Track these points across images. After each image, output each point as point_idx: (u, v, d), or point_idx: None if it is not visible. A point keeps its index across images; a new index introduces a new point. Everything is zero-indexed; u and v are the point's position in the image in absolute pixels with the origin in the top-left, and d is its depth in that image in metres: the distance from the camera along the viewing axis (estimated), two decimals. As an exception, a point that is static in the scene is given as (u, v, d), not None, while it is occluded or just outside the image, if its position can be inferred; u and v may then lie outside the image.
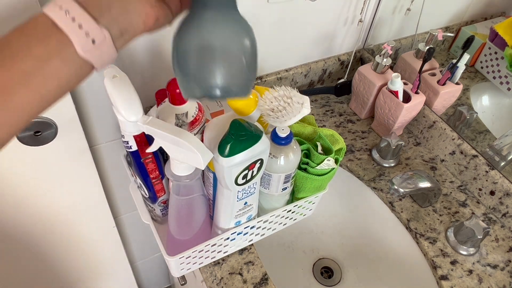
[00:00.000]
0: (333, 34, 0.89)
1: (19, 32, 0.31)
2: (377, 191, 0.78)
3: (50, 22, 0.30)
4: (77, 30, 0.30)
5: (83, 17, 0.31)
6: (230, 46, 0.37)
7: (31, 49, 0.30)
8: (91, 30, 0.31)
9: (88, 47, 0.31)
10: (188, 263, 0.60)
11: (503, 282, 0.67)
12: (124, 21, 0.33)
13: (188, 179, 0.51)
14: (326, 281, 0.79)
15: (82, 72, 0.33)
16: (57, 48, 0.30)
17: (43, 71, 0.30)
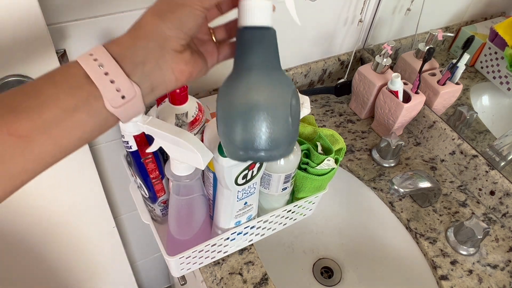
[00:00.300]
0: (333, 34, 0.89)
1: (50, 80, 0.30)
2: (377, 191, 0.78)
3: (83, 73, 0.30)
4: (108, 85, 0.30)
5: (116, 72, 0.30)
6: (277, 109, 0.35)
7: (60, 100, 0.29)
8: (123, 86, 0.31)
9: (117, 103, 0.31)
10: (188, 263, 0.60)
11: (503, 282, 0.67)
12: (157, 78, 0.33)
13: (188, 179, 0.51)
14: (326, 281, 0.79)
15: (106, 125, 0.32)
16: (85, 100, 0.30)
17: (68, 123, 0.30)
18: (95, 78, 0.30)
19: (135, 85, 0.31)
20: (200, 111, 0.57)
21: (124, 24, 0.63)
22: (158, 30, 0.32)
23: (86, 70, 0.30)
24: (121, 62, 0.31)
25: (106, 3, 0.60)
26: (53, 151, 0.30)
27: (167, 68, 0.33)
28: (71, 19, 0.59)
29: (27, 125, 0.29)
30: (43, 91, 0.30)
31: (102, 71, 0.30)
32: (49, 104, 0.29)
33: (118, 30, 0.63)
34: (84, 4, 0.58)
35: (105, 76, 0.30)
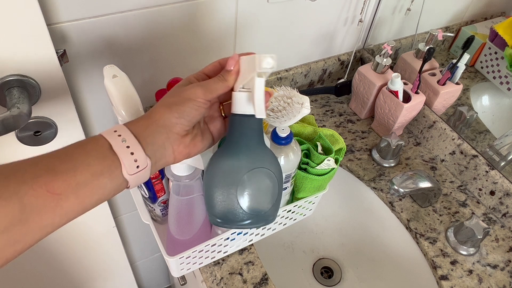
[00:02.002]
0: (333, 34, 0.89)
1: (81, 148, 0.36)
2: (377, 191, 0.78)
3: (108, 145, 0.37)
4: (129, 156, 0.37)
5: (135, 146, 0.37)
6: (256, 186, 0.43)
7: (89, 165, 0.35)
8: (139, 158, 0.37)
9: (133, 171, 0.37)
10: (188, 263, 0.60)
11: (503, 282, 0.67)
12: (160, 154, 0.40)
13: (188, 179, 0.51)
14: (326, 281, 0.79)
15: (119, 188, 0.38)
16: (109, 167, 0.36)
17: (94, 185, 0.35)
18: (118, 150, 0.36)
19: (148, 158, 0.38)
20: (200, 111, 0.57)
21: (124, 24, 0.63)
22: (166, 118, 0.39)
23: (111, 143, 0.37)
24: (139, 138, 0.38)
25: (106, 3, 0.60)
26: (77, 208, 0.36)
27: (169, 148, 0.40)
28: (71, 19, 0.59)
29: (63, 185, 0.34)
30: (76, 157, 0.36)
31: (125, 144, 0.37)
32: (82, 169, 0.35)
33: (118, 30, 0.63)
34: (84, 5, 0.58)
35: (127, 148, 0.37)
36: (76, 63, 0.64)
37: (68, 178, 0.34)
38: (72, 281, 0.96)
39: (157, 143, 0.39)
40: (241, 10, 0.72)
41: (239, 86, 0.42)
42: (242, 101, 0.41)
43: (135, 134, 0.38)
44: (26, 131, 0.60)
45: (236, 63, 0.42)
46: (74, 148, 0.36)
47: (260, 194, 0.43)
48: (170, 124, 0.39)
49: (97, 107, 0.73)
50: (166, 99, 0.41)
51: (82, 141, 0.37)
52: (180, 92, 0.41)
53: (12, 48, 0.52)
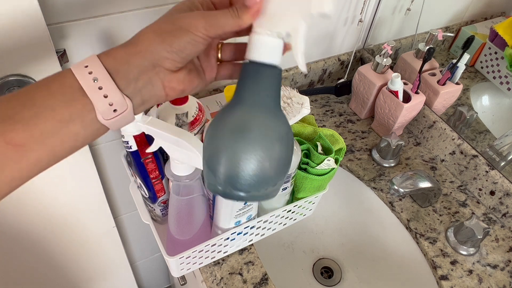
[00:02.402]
0: (333, 34, 0.89)
1: (45, 90, 0.31)
2: (377, 191, 0.78)
3: (77, 86, 0.31)
4: (102, 99, 0.31)
5: (110, 86, 0.31)
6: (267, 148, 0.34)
7: (55, 111, 0.30)
8: (115, 101, 0.31)
9: (109, 116, 0.32)
10: (188, 263, 0.60)
11: (503, 282, 0.67)
12: (148, 93, 0.33)
13: (188, 179, 0.51)
14: (326, 281, 0.79)
15: (98, 134, 0.33)
16: (79, 112, 0.31)
17: (62, 133, 0.31)
18: (89, 92, 0.31)
19: (127, 99, 0.32)
20: (200, 111, 0.57)
21: (124, 24, 0.63)
22: (155, 50, 0.32)
23: (80, 83, 0.30)
24: (115, 76, 0.31)
25: (106, 3, 0.60)
26: (47, 158, 0.31)
27: (158, 85, 0.33)
28: (71, 19, 0.59)
29: (24, 134, 0.29)
30: (39, 101, 0.30)
31: (96, 85, 0.31)
32: (45, 115, 0.30)
33: (118, 30, 0.63)
34: (84, 4, 0.58)
35: (99, 90, 0.31)
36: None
37: (30, 127, 0.29)
38: (72, 281, 0.96)
39: (142, 80, 0.32)
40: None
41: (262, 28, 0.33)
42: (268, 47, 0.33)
43: (110, 70, 0.31)
44: (26, 131, 0.60)
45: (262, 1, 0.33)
46: (38, 89, 0.31)
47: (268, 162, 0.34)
48: (159, 57, 0.32)
49: (97, 107, 0.73)
50: (158, 24, 0.33)
51: (48, 78, 0.31)
52: (177, 19, 0.32)
53: (12, 48, 0.52)
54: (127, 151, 0.57)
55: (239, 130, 0.33)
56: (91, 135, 0.33)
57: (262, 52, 0.33)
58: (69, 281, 0.96)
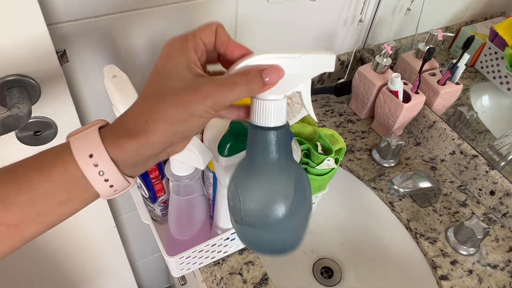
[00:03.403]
0: (333, 34, 0.89)
1: (44, 175, 0.30)
2: (377, 191, 0.78)
3: (80, 174, 0.30)
4: (106, 187, 0.31)
5: (115, 177, 0.30)
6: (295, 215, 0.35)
7: (54, 195, 0.30)
8: (119, 185, 0.31)
9: (109, 195, 0.32)
10: (188, 263, 0.60)
11: (503, 282, 0.67)
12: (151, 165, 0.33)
13: (188, 179, 0.51)
14: (326, 281, 0.79)
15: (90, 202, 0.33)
16: (79, 194, 0.31)
17: (59, 211, 0.31)
18: (94, 182, 0.30)
19: (129, 179, 0.32)
20: (200, 111, 0.57)
21: (124, 24, 0.63)
22: (167, 140, 0.31)
23: (85, 174, 0.30)
24: (122, 166, 0.31)
25: (106, 3, 0.60)
26: (42, 231, 0.31)
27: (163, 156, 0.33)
28: (71, 19, 0.59)
29: (20, 217, 0.29)
30: (37, 185, 0.29)
31: (102, 177, 0.30)
32: (43, 199, 0.29)
33: (118, 30, 0.63)
34: (84, 4, 0.58)
35: (105, 182, 0.30)
36: (76, 63, 0.64)
37: (26, 210, 0.29)
38: (72, 281, 0.96)
39: (148, 163, 0.32)
40: (241, 10, 0.72)
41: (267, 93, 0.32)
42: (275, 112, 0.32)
43: (117, 161, 0.30)
44: (26, 131, 0.60)
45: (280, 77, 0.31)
46: (34, 172, 0.30)
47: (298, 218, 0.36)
48: (170, 144, 0.31)
49: (97, 107, 0.73)
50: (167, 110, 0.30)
51: (46, 160, 0.30)
52: (185, 104, 0.30)
53: (12, 48, 0.52)
54: (127, 151, 0.57)
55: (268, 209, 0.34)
56: (86, 206, 0.32)
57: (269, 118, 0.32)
58: (69, 281, 0.96)
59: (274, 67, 0.31)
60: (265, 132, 0.33)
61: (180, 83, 0.30)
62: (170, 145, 0.31)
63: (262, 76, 0.30)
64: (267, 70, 0.30)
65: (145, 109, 0.31)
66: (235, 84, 0.30)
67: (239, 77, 0.30)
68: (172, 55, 0.32)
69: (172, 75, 0.31)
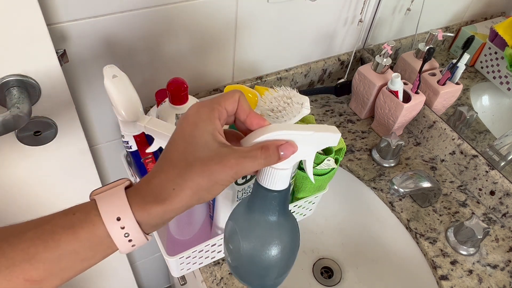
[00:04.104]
0: (333, 34, 0.89)
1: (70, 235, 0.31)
2: (377, 191, 0.78)
3: (106, 235, 0.31)
4: (127, 244, 0.32)
5: (138, 237, 0.32)
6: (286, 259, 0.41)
7: (79, 254, 0.31)
8: (137, 241, 0.33)
9: (127, 249, 0.33)
10: (188, 263, 0.60)
11: (503, 282, 0.67)
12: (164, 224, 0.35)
13: (188, 179, 0.51)
14: (326, 281, 0.79)
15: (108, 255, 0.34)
16: (103, 251, 0.32)
17: (81, 267, 0.33)
18: (118, 243, 0.32)
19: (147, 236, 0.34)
20: (200, 111, 0.57)
21: (124, 24, 0.63)
22: (190, 205, 0.33)
23: (111, 235, 0.31)
24: (145, 227, 0.33)
25: (106, 3, 0.60)
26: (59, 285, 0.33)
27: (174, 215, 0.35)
28: (71, 19, 0.59)
29: (44, 273, 0.31)
30: (63, 244, 0.31)
31: (127, 239, 0.32)
32: (69, 257, 0.31)
33: (118, 30, 0.63)
34: (84, 4, 0.58)
35: (129, 242, 0.32)
36: (76, 63, 0.64)
37: (51, 266, 0.31)
38: (72, 281, 0.96)
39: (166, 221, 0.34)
40: (241, 10, 0.72)
41: None
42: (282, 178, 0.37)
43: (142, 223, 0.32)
44: (26, 131, 0.60)
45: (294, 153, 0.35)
46: (63, 231, 0.31)
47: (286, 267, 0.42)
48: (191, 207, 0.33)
49: (97, 107, 0.73)
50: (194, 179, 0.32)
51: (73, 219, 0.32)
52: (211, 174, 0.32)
53: (12, 48, 0.52)
54: (127, 151, 0.57)
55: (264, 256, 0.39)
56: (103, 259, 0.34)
57: (274, 183, 0.37)
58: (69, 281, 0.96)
59: (289, 144, 0.34)
60: (270, 194, 0.37)
61: (207, 152, 0.32)
62: (192, 205, 0.33)
63: (279, 151, 0.34)
64: (283, 146, 0.34)
65: (173, 177, 0.32)
66: (256, 157, 0.33)
67: (259, 151, 0.33)
68: (199, 124, 0.33)
69: (199, 144, 0.33)
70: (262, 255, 0.39)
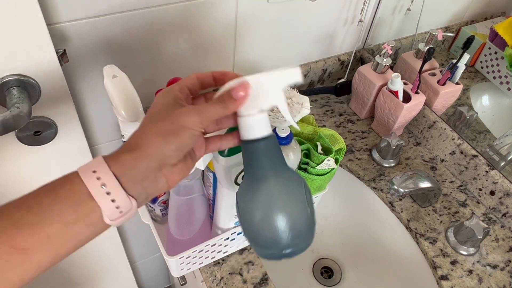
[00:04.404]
0: (333, 34, 0.89)
1: (53, 195, 0.32)
2: (377, 191, 0.78)
3: (85, 191, 0.32)
4: (109, 203, 0.32)
5: (117, 192, 0.32)
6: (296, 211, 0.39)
7: (62, 215, 0.31)
8: (122, 203, 0.33)
9: (115, 217, 0.33)
10: (188, 263, 0.60)
11: (503, 282, 0.67)
12: (152, 189, 0.35)
13: (188, 179, 0.52)
14: (326, 281, 0.79)
15: (100, 231, 0.34)
16: (86, 215, 0.32)
17: (67, 235, 0.32)
18: (97, 198, 0.32)
19: (132, 199, 0.34)
20: (200, 111, 0.57)
21: (124, 24, 0.63)
22: (161, 152, 0.34)
23: (89, 189, 0.32)
24: (122, 180, 0.33)
25: (106, 3, 0.60)
26: (49, 259, 0.32)
27: (162, 180, 0.35)
28: (71, 19, 0.59)
29: (29, 239, 0.30)
30: (45, 205, 0.31)
31: (104, 190, 0.32)
32: (51, 219, 0.31)
33: (118, 30, 0.63)
34: (84, 4, 0.58)
35: (107, 195, 0.32)
36: (76, 63, 0.64)
37: (35, 231, 0.30)
38: (72, 281, 0.96)
39: (147, 180, 0.34)
40: (241, 10, 0.72)
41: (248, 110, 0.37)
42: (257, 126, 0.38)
43: (118, 175, 0.32)
44: (26, 131, 0.60)
45: (247, 91, 0.36)
46: (45, 193, 0.32)
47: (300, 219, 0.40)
48: (164, 157, 0.34)
49: (97, 107, 0.73)
50: (159, 124, 0.35)
51: (55, 183, 0.33)
52: (174, 117, 0.35)
53: (12, 48, 0.52)
54: (127, 151, 0.57)
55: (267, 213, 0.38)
56: (94, 233, 0.34)
57: (253, 131, 0.38)
58: (69, 281, 0.96)
59: (241, 84, 0.36)
60: (251, 145, 0.38)
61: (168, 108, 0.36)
62: (164, 159, 0.34)
63: (232, 93, 0.36)
64: (235, 88, 0.36)
65: (141, 132, 0.35)
66: (213, 103, 0.36)
67: (217, 98, 0.37)
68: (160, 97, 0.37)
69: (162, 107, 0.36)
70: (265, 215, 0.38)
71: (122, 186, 0.32)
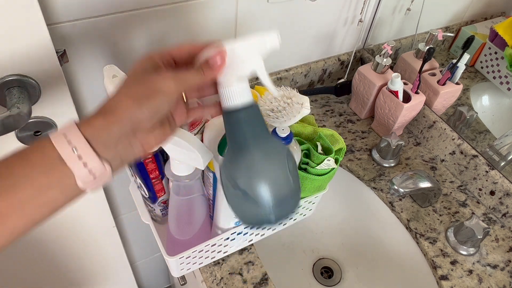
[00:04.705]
0: (333, 34, 0.89)
1: (24, 160, 0.31)
2: (377, 191, 0.78)
3: (57, 155, 0.31)
4: (81, 167, 0.32)
5: (89, 155, 0.32)
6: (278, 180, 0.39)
7: (34, 180, 0.31)
8: (94, 167, 0.32)
9: (88, 180, 0.32)
10: (188, 263, 0.60)
11: (503, 282, 0.67)
12: (127, 154, 0.35)
13: (188, 179, 0.51)
14: (326, 281, 0.79)
15: (76, 197, 0.34)
16: (58, 180, 0.32)
17: (40, 200, 0.31)
18: (68, 162, 0.31)
19: (106, 164, 0.33)
20: (200, 111, 0.57)
21: (124, 24, 0.63)
22: (133, 116, 0.33)
23: (60, 153, 0.31)
24: (94, 144, 0.32)
25: (106, 3, 0.60)
26: (24, 225, 0.32)
27: (137, 145, 0.35)
28: (71, 19, 0.59)
29: (3, 204, 0.30)
30: (17, 170, 0.31)
31: (76, 154, 0.31)
32: (24, 184, 0.31)
33: (118, 30, 0.63)
34: (84, 4, 0.58)
35: (79, 160, 0.31)
36: (76, 63, 0.64)
37: (8, 197, 0.30)
38: (72, 281, 0.96)
39: (121, 144, 0.33)
40: (241, 10, 0.72)
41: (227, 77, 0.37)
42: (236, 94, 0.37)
43: (89, 139, 0.32)
44: (26, 131, 0.60)
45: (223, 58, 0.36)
46: (16, 159, 0.31)
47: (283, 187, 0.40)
48: (137, 121, 0.33)
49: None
50: (132, 87, 0.34)
51: (27, 149, 0.32)
52: (149, 81, 0.34)
53: (12, 48, 0.52)
54: (127, 151, 0.57)
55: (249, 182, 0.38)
56: (69, 199, 0.33)
57: (233, 99, 0.37)
58: (69, 281, 0.96)
59: (216, 52, 0.36)
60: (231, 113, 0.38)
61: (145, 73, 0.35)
62: (137, 122, 0.33)
63: (208, 61, 0.36)
64: (212, 56, 0.36)
65: (115, 95, 0.34)
66: (190, 70, 0.36)
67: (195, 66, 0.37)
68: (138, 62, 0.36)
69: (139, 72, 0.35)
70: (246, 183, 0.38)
71: (94, 149, 0.32)
